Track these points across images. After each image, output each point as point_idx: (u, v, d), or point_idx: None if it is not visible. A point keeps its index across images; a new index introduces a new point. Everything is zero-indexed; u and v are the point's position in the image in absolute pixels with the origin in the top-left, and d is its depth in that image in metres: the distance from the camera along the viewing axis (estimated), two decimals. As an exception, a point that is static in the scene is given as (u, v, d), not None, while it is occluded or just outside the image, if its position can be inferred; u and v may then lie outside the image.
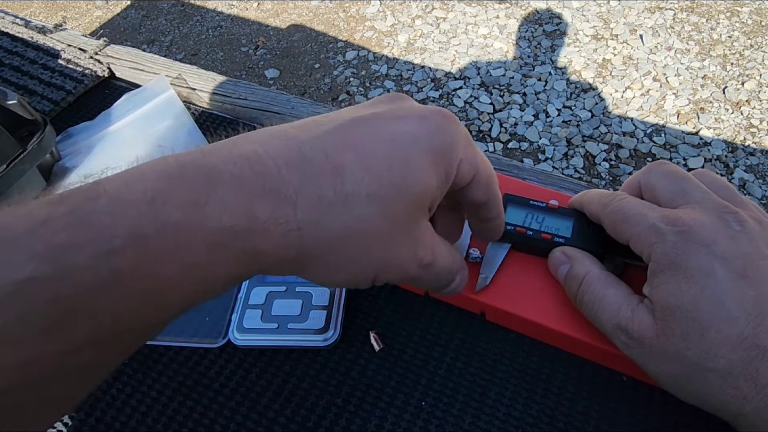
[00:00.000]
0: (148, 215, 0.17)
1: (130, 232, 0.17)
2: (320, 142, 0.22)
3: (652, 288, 0.27)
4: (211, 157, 0.20)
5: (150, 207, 0.17)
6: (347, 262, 0.22)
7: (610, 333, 0.28)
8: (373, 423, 0.31)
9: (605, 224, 0.30)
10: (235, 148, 0.21)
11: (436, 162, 0.23)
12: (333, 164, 0.21)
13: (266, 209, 0.20)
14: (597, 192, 0.32)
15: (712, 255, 0.25)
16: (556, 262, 0.32)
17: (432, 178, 0.23)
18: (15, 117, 0.41)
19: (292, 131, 0.22)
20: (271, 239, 0.20)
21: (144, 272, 0.17)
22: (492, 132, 1.63)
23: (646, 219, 0.27)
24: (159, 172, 0.19)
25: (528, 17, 1.97)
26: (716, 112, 1.62)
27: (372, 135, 0.23)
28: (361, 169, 0.21)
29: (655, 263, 0.26)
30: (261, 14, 2.15)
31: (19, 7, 2.26)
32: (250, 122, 0.47)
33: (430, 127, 0.24)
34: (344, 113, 0.24)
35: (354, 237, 0.22)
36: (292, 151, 0.21)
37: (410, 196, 0.23)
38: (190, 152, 0.20)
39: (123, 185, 0.18)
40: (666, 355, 0.25)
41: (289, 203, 0.20)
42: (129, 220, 0.17)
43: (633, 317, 0.27)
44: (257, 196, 0.20)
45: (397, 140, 0.23)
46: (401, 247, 0.24)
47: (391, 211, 0.22)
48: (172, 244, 0.18)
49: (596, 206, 0.31)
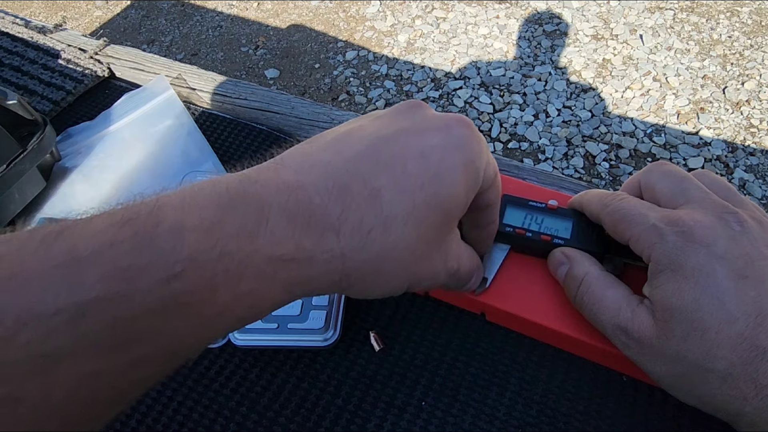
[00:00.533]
0: (205, 243, 0.18)
1: (189, 260, 0.18)
2: (356, 167, 0.23)
3: (652, 288, 0.26)
4: (259, 188, 0.21)
5: (207, 237, 0.18)
6: (386, 280, 0.24)
7: (609, 333, 0.28)
8: (373, 423, 0.31)
9: (605, 224, 0.30)
10: (278, 176, 0.22)
11: (465, 173, 0.24)
12: (370, 190, 0.22)
13: (312, 239, 0.21)
14: (597, 192, 0.32)
15: (712, 255, 0.25)
16: (555, 262, 0.32)
17: (461, 190, 0.24)
18: (15, 117, 0.41)
19: (327, 156, 0.23)
20: (316, 267, 0.21)
21: (201, 298, 0.18)
22: (492, 132, 1.63)
23: (646, 219, 0.27)
24: (212, 201, 0.19)
25: (528, 17, 1.97)
26: (716, 112, 1.62)
27: (403, 153, 0.23)
28: (396, 192, 0.23)
29: (655, 263, 0.26)
30: (261, 14, 2.15)
31: (19, 7, 2.26)
32: (250, 122, 0.47)
33: (456, 138, 0.24)
34: (369, 128, 0.25)
35: (392, 257, 0.23)
36: (332, 179, 0.22)
37: (442, 212, 0.24)
38: (238, 179, 0.21)
39: (180, 211, 0.18)
40: (666, 355, 0.25)
41: (332, 232, 0.21)
42: (189, 248, 0.18)
43: (633, 318, 0.27)
44: (303, 227, 0.21)
45: (426, 155, 0.24)
46: (434, 260, 0.25)
47: (424, 229, 0.23)
48: (227, 273, 0.19)
49: (596, 206, 0.31)
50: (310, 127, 0.47)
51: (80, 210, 0.18)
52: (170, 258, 0.17)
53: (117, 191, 0.43)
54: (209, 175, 0.41)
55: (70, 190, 0.44)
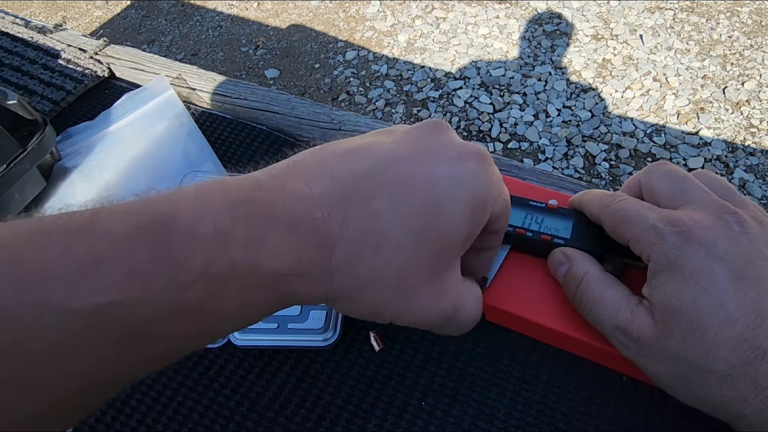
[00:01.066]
0: (216, 254, 0.19)
1: (201, 269, 0.18)
2: (363, 182, 0.23)
3: (652, 289, 0.26)
4: (268, 197, 0.21)
5: (218, 246, 0.19)
6: (367, 304, 0.23)
7: (608, 333, 0.28)
8: (373, 423, 0.31)
9: (605, 225, 0.30)
10: (286, 186, 0.22)
11: (469, 209, 0.24)
12: (371, 210, 0.22)
13: (309, 253, 0.21)
14: (597, 192, 0.32)
15: (711, 256, 0.25)
16: (555, 262, 0.32)
17: (462, 225, 0.24)
18: (15, 117, 0.41)
19: (337, 167, 0.23)
20: (309, 283, 0.22)
21: (209, 307, 0.19)
22: (492, 132, 1.63)
23: (646, 219, 0.27)
24: (224, 205, 0.20)
25: (528, 17, 1.97)
26: (716, 112, 1.62)
27: (410, 178, 0.23)
28: (394, 215, 0.22)
29: (655, 264, 0.26)
30: (261, 14, 2.15)
31: (19, 7, 2.26)
32: (250, 122, 0.47)
33: (467, 172, 0.24)
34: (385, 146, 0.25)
35: (378, 281, 0.23)
36: (336, 192, 0.22)
37: (437, 244, 0.23)
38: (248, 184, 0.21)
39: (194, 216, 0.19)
40: (665, 356, 0.25)
41: (327, 247, 0.22)
42: (201, 257, 0.19)
43: (632, 318, 0.27)
44: (305, 239, 0.21)
45: (432, 185, 0.23)
46: (422, 295, 0.24)
47: (415, 258, 0.23)
48: (234, 284, 0.19)
49: (596, 206, 0.31)
50: (310, 127, 0.47)
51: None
52: (184, 269, 0.18)
53: (117, 191, 0.43)
54: (209, 176, 0.41)
55: (70, 190, 0.44)
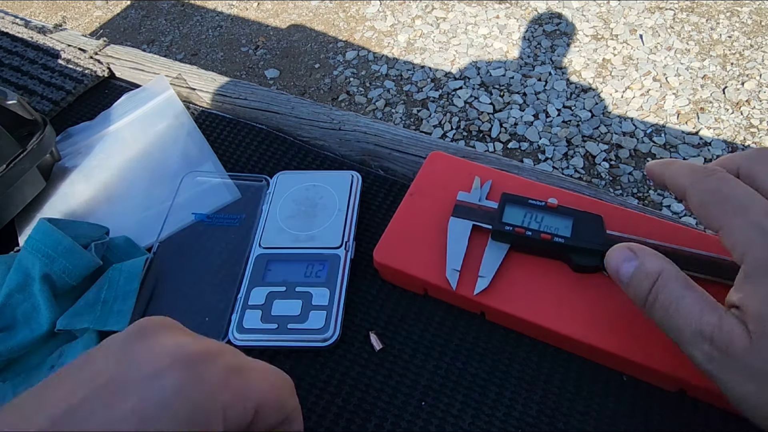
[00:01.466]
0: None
1: None
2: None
3: (746, 295, 0.23)
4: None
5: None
6: None
7: (687, 341, 0.24)
8: (373, 423, 0.31)
9: (691, 202, 0.26)
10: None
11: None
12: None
13: None
14: (687, 164, 0.28)
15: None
16: (619, 258, 0.27)
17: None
18: (15, 117, 0.41)
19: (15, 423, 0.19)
20: None
21: None
22: (492, 132, 1.64)
23: (748, 212, 0.23)
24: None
25: (528, 17, 1.97)
26: (716, 112, 1.62)
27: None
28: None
29: (751, 266, 0.23)
30: (261, 14, 2.15)
31: (19, 7, 2.26)
32: (250, 122, 0.47)
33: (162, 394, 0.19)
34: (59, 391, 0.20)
35: None
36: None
37: None
38: None
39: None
40: (756, 373, 0.22)
41: None
42: None
43: (720, 324, 0.23)
44: None
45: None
46: None
47: None
48: None
49: (685, 179, 0.27)
50: (309, 127, 0.47)
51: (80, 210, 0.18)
52: None
53: (117, 191, 0.43)
54: (210, 176, 0.41)
55: (70, 190, 0.44)
